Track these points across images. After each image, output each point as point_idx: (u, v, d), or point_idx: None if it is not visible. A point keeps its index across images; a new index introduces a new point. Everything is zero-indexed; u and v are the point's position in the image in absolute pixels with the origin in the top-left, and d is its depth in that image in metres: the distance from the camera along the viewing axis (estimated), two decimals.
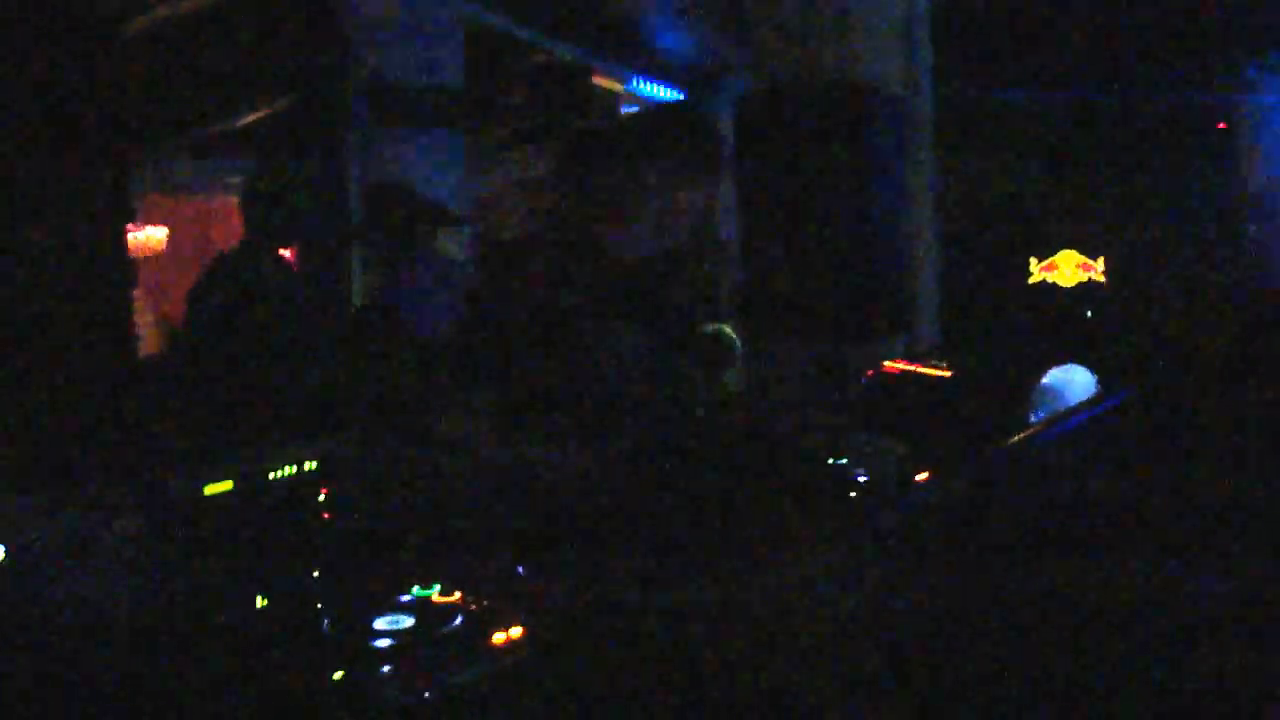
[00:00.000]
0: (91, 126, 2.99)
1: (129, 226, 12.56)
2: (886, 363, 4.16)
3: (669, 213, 2.91)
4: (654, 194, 2.86)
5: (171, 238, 13.98)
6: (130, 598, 3.03)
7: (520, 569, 2.40)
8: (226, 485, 3.74)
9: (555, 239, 3.10)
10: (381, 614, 2.13)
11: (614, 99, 12.70)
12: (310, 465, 4.02)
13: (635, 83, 12.15)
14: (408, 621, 2.09)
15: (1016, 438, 3.06)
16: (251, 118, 12.36)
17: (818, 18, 5.59)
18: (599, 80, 12.35)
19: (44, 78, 2.96)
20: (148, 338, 11.85)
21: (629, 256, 3.03)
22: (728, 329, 4.95)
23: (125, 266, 3.26)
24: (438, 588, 2.28)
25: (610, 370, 2.95)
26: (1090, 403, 2.94)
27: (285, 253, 5.75)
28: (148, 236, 13.52)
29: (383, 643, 2.03)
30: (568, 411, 2.87)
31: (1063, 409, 3.76)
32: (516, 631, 2.04)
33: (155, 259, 13.74)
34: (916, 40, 5.68)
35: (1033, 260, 10.61)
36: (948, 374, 3.94)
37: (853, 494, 3.04)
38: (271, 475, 3.91)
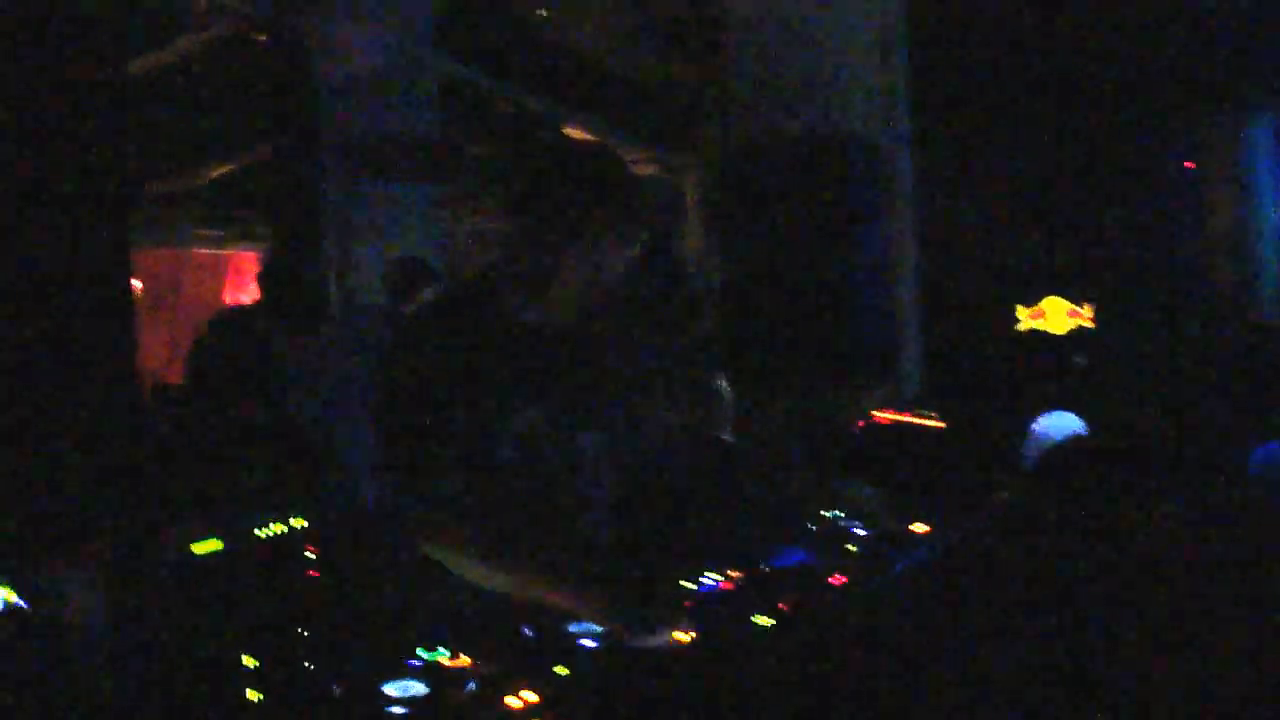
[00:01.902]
0: (101, 177, 2.98)
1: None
2: (877, 412, 4.17)
3: (595, 271, 2.83)
4: (569, 250, 2.79)
5: (144, 290, 13.91)
6: (114, 659, 3.00)
7: (527, 630, 2.37)
8: (216, 544, 3.72)
9: (451, 305, 3.02)
10: (391, 679, 2.11)
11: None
12: (299, 523, 4.00)
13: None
14: (420, 688, 2.07)
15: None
16: (220, 171, 12.35)
17: (794, 72, 5.63)
18: (571, 132, 12.39)
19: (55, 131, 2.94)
20: None
21: (537, 323, 2.96)
22: (716, 377, 4.93)
23: (130, 319, 3.24)
24: (445, 651, 2.25)
25: (510, 454, 2.89)
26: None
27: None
28: None
29: (396, 710, 2.01)
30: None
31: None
32: (531, 696, 2.02)
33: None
34: (894, 90, 5.72)
35: (1020, 307, 10.59)
36: (940, 424, 3.94)
37: (850, 546, 3.03)
38: (260, 533, 3.89)
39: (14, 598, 2.85)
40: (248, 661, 2.51)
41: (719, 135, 6.11)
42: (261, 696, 2.26)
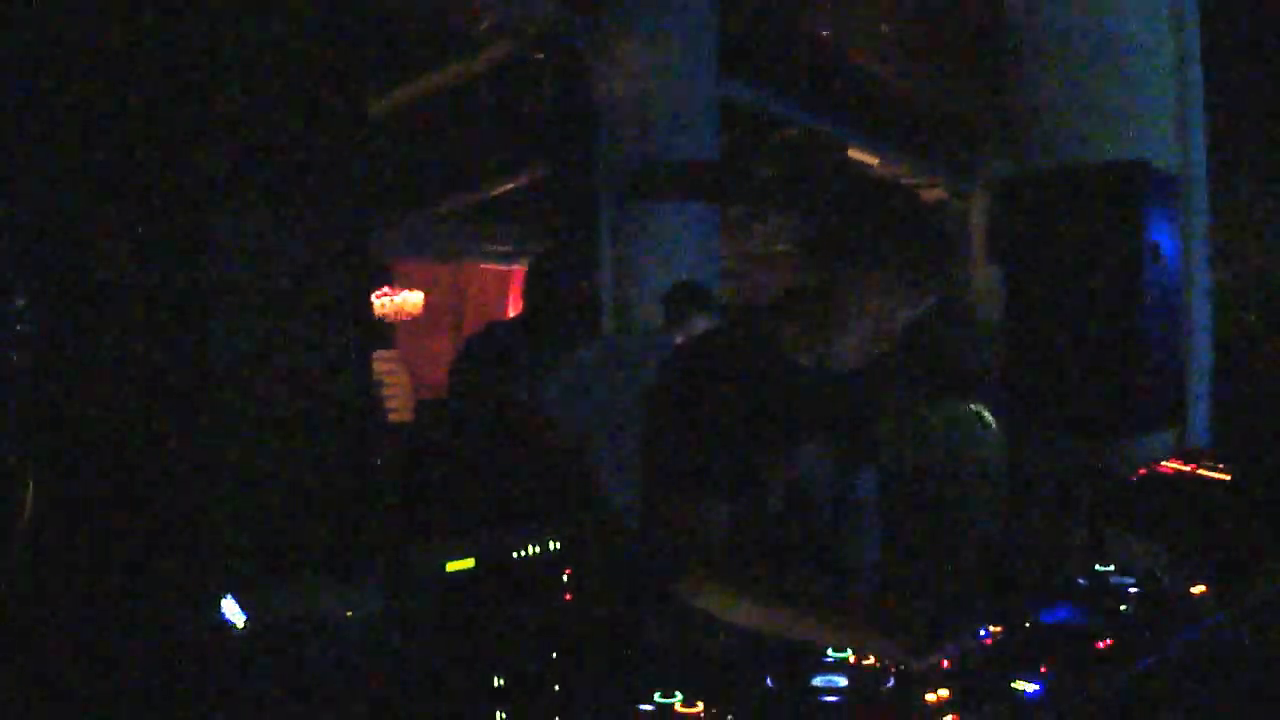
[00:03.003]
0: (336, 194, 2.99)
1: (387, 290, 12.89)
2: (1161, 462, 3.92)
3: (883, 322, 2.71)
4: (859, 301, 2.68)
5: (428, 302, 14.27)
6: (371, 674, 3.00)
7: (769, 680, 2.26)
8: (469, 563, 3.71)
9: (726, 339, 2.92)
10: None
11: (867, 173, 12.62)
12: (555, 545, 3.97)
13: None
14: None
15: None
16: (504, 189, 12.61)
17: (1085, 96, 5.40)
18: (855, 154, 12.27)
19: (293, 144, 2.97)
20: (404, 401, 12.11)
21: (815, 367, 2.84)
22: (980, 409, 4.73)
23: (370, 332, 3.23)
24: (680, 697, 2.17)
25: (783, 496, 2.79)
26: None
27: None
28: (404, 300, 13.82)
29: None
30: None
31: None
32: None
33: (412, 324, 14.06)
34: (1189, 118, 5.44)
35: None
36: (1227, 477, 3.68)
37: (1121, 605, 2.83)
38: (516, 554, 3.86)
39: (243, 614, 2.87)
40: (498, 683, 2.49)
41: (1005, 162, 5.89)
42: (506, 718, 2.22)
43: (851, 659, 2.37)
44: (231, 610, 2.89)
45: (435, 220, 13.40)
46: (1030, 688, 2.27)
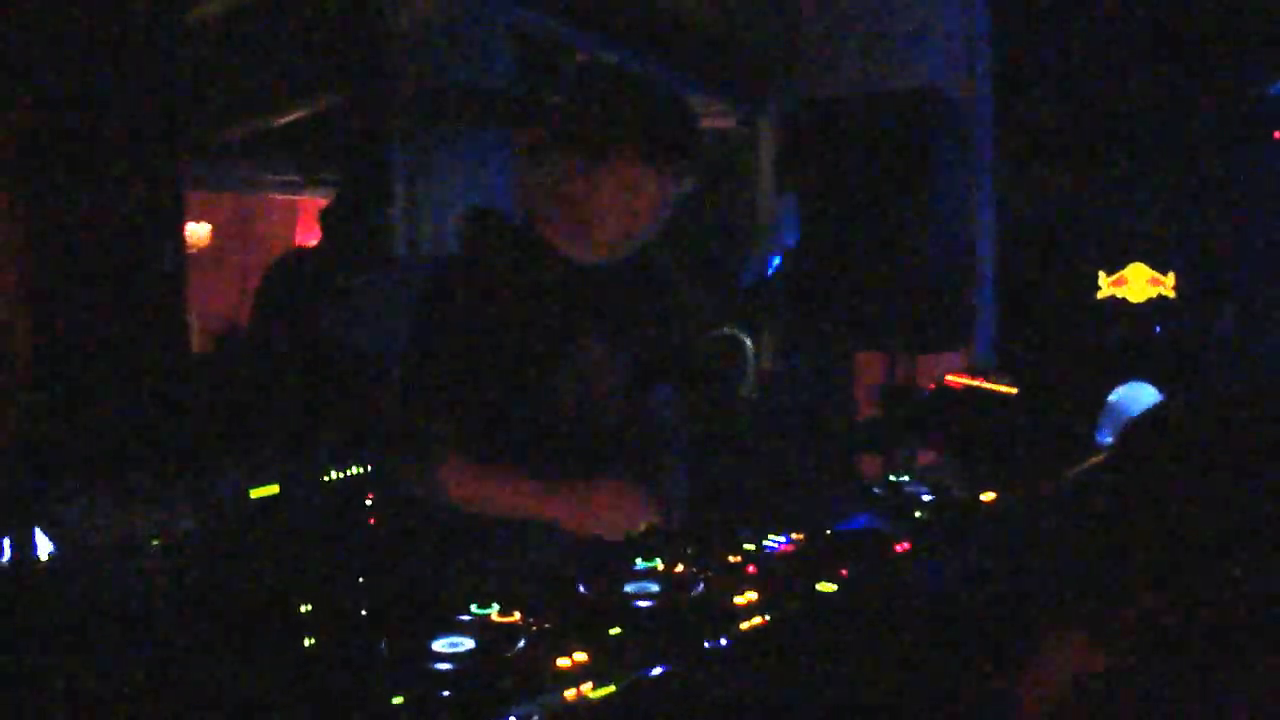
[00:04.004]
0: (148, 120, 2.94)
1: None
2: (950, 377, 4.07)
3: (634, 201, 2.79)
4: (602, 177, 2.75)
5: (214, 234, 13.98)
6: (177, 599, 2.97)
7: (582, 588, 2.31)
8: (273, 489, 3.69)
9: (503, 244, 2.98)
10: (439, 634, 2.05)
11: None
12: (358, 470, 3.96)
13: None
14: (468, 643, 2.01)
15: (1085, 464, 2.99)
16: (292, 117, 12.31)
17: (873, 25, 5.51)
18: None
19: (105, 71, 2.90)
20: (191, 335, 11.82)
21: (581, 261, 2.91)
22: (738, 332, 4.83)
23: (181, 263, 3.19)
24: (496, 607, 2.20)
25: (571, 394, 2.85)
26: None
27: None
28: (191, 233, 13.51)
29: (442, 666, 1.95)
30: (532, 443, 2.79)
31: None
32: (581, 656, 1.96)
33: (198, 256, 13.75)
34: (976, 45, 5.59)
35: (1102, 274, 10.24)
36: (1013, 390, 3.84)
37: (916, 512, 2.95)
38: (321, 479, 3.85)
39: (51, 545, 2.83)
40: (304, 608, 2.48)
41: (795, 91, 6.00)
42: (314, 642, 2.21)
43: (660, 566, 2.43)
44: (39, 540, 2.84)
45: (218, 150, 13.05)
46: (831, 588, 2.36)
